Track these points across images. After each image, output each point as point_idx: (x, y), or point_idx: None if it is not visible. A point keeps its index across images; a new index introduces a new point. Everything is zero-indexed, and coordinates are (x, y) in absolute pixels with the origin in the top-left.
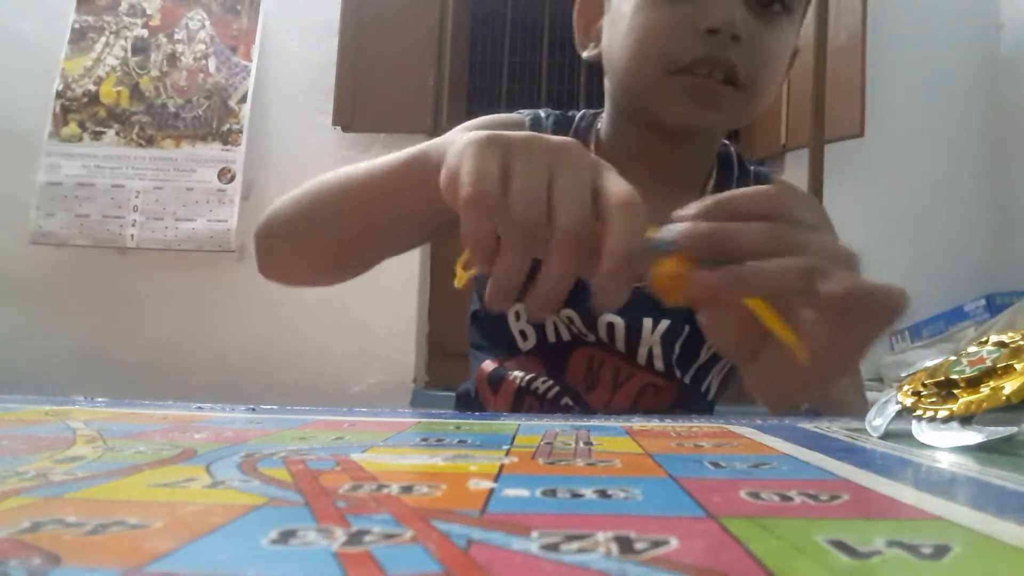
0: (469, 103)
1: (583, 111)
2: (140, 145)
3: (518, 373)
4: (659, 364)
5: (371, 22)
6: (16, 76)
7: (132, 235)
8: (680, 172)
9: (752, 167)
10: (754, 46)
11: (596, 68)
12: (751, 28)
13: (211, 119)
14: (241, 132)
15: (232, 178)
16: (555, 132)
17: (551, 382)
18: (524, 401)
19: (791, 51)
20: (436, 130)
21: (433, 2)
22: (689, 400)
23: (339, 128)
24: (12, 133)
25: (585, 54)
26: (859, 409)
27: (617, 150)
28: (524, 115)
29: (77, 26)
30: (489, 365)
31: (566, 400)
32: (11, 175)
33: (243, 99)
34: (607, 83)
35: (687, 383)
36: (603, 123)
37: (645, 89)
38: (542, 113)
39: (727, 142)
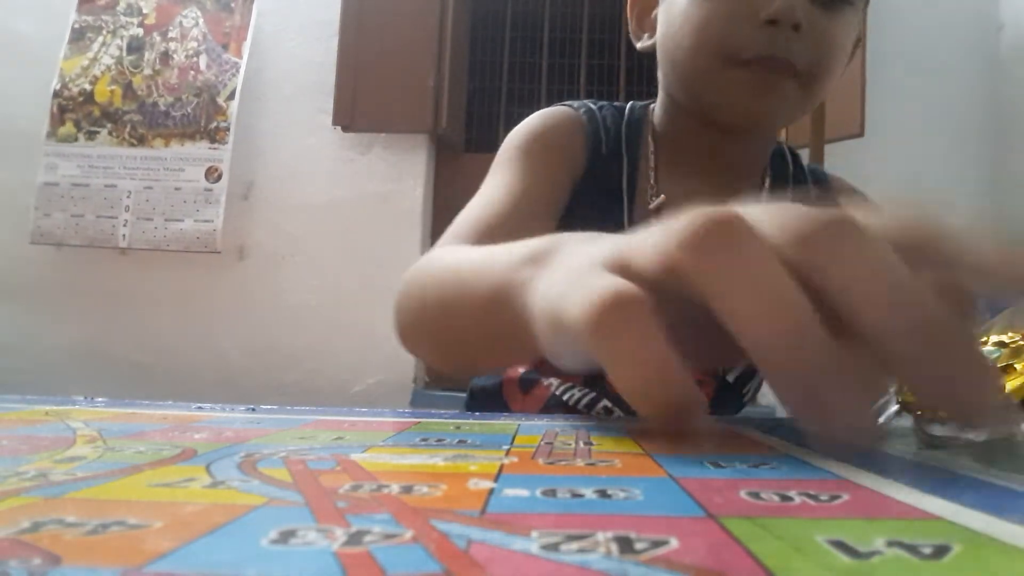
0: (469, 103)
1: (631, 102)
2: (132, 144)
3: (553, 380)
4: None
5: (371, 22)
6: (17, 77)
7: (124, 235)
8: (737, 166)
9: (806, 165)
10: (815, 36)
11: (597, 69)
12: (812, 17)
13: (199, 117)
14: (228, 130)
15: (219, 177)
16: (612, 131)
17: (587, 390)
18: (552, 411)
19: (853, 41)
20: (436, 130)
21: (433, 2)
22: (727, 400)
23: (339, 128)
24: (13, 133)
25: (639, 45)
26: None
27: (674, 142)
28: (576, 107)
29: (77, 26)
30: (521, 367)
31: (604, 404)
32: (12, 175)
33: (231, 96)
34: (661, 74)
35: (729, 382)
36: (657, 114)
37: (703, 82)
38: (592, 104)
39: (782, 143)
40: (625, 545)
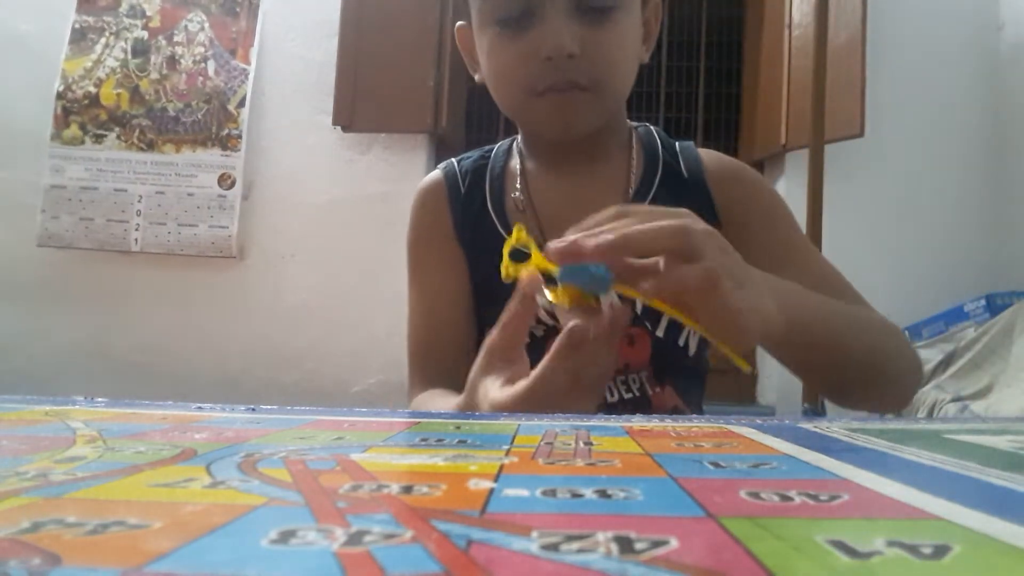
0: (469, 103)
1: (504, 140)
2: (141, 149)
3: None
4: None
5: (371, 22)
6: (19, 77)
7: (136, 239)
8: (594, 163)
9: (677, 143)
10: (591, 55)
11: None
12: (584, 40)
13: (210, 124)
14: (240, 137)
15: (232, 184)
16: (473, 172)
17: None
18: None
19: (636, 37)
20: (436, 130)
21: (433, 2)
22: (668, 355)
23: (339, 128)
24: (17, 134)
25: (477, 78)
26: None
27: (537, 158)
28: (442, 167)
29: (77, 26)
30: None
31: None
32: (17, 177)
33: (241, 103)
34: None
35: (660, 336)
36: (520, 137)
37: (516, 112)
38: (455, 161)
39: (649, 125)
40: (625, 545)
